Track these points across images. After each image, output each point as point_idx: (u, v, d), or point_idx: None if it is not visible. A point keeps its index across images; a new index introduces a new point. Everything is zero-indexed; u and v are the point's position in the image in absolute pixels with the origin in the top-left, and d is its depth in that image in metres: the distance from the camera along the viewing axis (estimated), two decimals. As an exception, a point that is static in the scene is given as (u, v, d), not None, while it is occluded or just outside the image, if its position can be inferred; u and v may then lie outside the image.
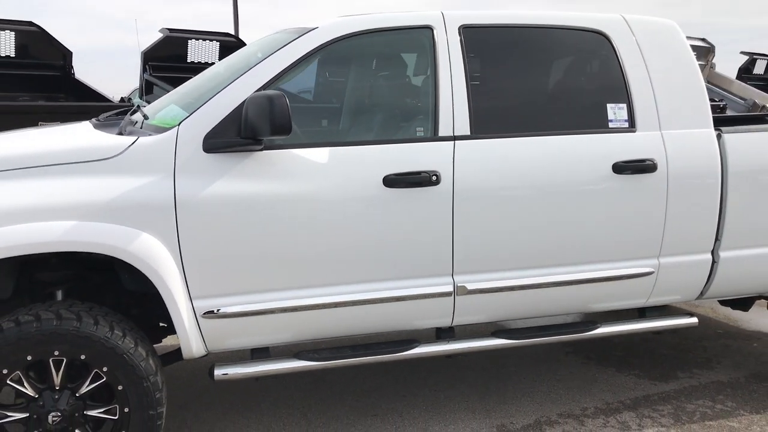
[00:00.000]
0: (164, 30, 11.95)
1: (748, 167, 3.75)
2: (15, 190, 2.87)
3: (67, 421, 2.93)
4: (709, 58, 10.70)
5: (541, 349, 4.84)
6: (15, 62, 10.66)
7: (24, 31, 10.85)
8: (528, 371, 4.44)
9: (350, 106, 3.62)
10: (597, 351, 4.81)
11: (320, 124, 3.59)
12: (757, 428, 3.69)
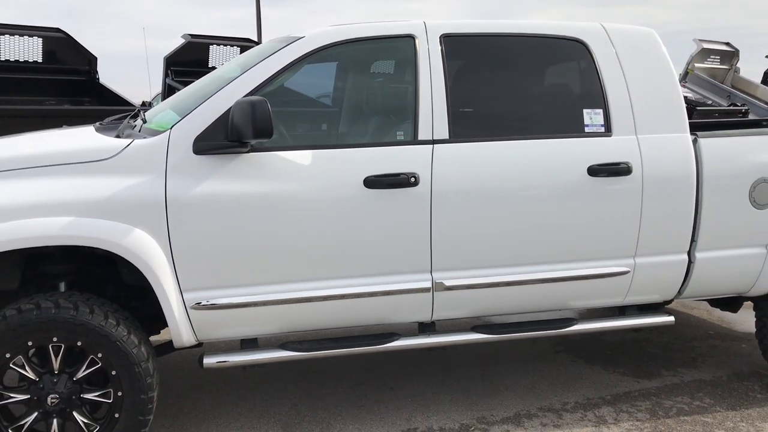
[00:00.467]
0: (186, 36, 12.26)
1: (724, 171, 3.87)
2: (20, 188, 3.10)
3: (65, 402, 3.16)
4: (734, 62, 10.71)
5: (532, 348, 4.98)
6: (42, 67, 11.03)
7: (51, 38, 11.22)
8: (515, 368, 4.59)
9: (334, 110, 3.82)
10: (586, 350, 4.94)
11: (305, 127, 3.78)
12: (731, 424, 3.81)
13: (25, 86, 10.55)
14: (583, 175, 3.63)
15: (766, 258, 3.99)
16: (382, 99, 3.83)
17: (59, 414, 3.17)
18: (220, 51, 11.14)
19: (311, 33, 3.55)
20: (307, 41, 3.50)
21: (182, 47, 11.15)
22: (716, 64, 11.28)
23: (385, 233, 3.43)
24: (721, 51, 10.18)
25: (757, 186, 3.89)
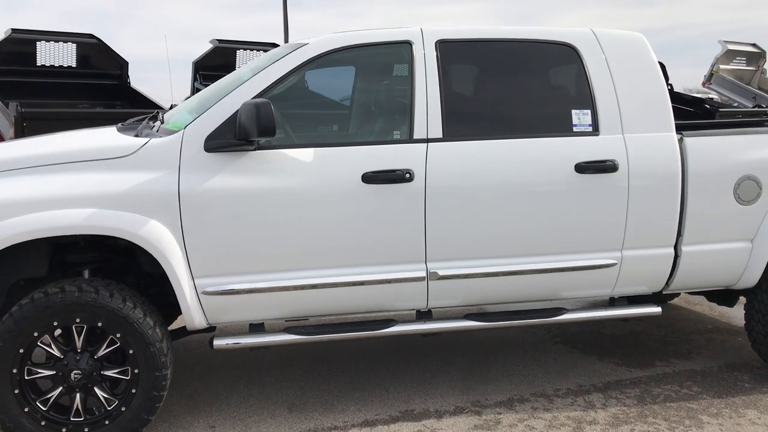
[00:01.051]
0: (214, 41, 12.68)
1: (709, 168, 4.06)
2: (49, 183, 3.42)
3: (87, 378, 3.46)
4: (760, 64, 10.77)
5: (531, 339, 5.20)
6: (76, 72, 11.51)
7: (84, 43, 11.69)
8: (514, 357, 4.81)
9: (336, 111, 4.08)
10: (584, 341, 5.14)
11: (309, 127, 4.04)
12: (714, 410, 3.99)
13: (60, 90, 11.03)
14: (571, 172, 3.85)
15: (751, 252, 4.16)
16: (380, 101, 4.08)
17: (82, 389, 3.48)
18: (246, 55, 11.52)
19: (315, 40, 3.82)
20: (311, 47, 3.77)
21: (210, 52, 11.56)
22: (742, 66, 11.34)
23: (382, 225, 3.68)
24: (748, 52, 10.26)
25: (741, 183, 4.07)
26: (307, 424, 3.83)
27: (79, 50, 11.91)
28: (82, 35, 11.97)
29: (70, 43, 11.80)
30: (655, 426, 3.78)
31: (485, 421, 3.84)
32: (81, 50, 11.92)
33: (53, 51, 11.79)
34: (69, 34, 11.84)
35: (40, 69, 11.56)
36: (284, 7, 19.01)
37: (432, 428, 3.76)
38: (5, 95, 10.53)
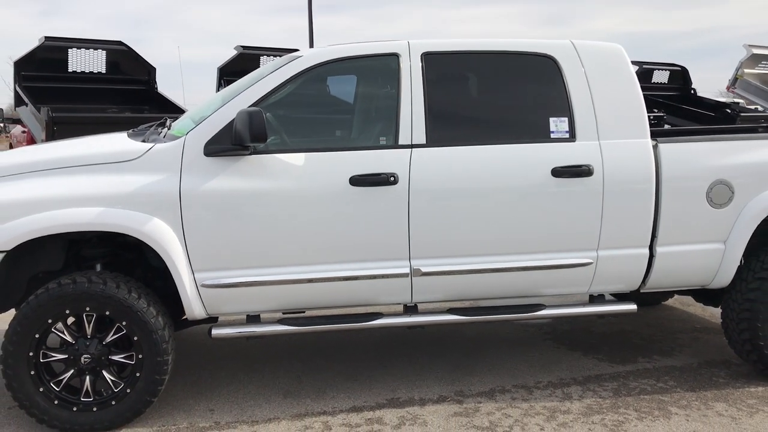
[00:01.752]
0: (238, 47, 13.11)
1: (683, 173, 4.27)
2: (63, 184, 3.77)
3: (96, 362, 3.80)
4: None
5: (521, 335, 5.44)
6: (105, 78, 12.01)
7: (113, 50, 12.19)
8: (501, 352, 5.05)
9: (327, 118, 4.38)
10: (573, 338, 5.36)
11: (301, 132, 4.32)
12: (685, 402, 4.20)
13: (91, 95, 11.53)
14: (547, 176, 4.09)
15: (724, 253, 4.36)
16: (369, 109, 4.36)
17: (91, 372, 3.81)
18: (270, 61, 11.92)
19: (309, 52, 4.12)
20: (305, 59, 4.07)
21: (235, 58, 11.99)
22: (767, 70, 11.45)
23: (368, 225, 3.97)
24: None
25: (713, 187, 4.28)
26: (299, 408, 4.13)
27: (108, 57, 12.43)
28: (111, 42, 12.48)
29: (100, 50, 12.33)
30: (625, 416, 4.00)
31: (465, 409, 4.10)
32: (110, 57, 12.44)
33: (84, 58, 12.31)
34: (99, 41, 12.36)
35: (71, 75, 12.10)
36: (309, 12, 19.40)
37: (414, 414, 4.03)
38: (38, 100, 11.05)
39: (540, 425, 3.89)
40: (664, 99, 18.55)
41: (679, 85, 19.73)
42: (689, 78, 19.70)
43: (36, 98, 11.05)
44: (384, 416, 4.02)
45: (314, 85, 4.18)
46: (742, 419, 3.95)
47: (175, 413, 4.07)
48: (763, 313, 4.37)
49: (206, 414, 4.07)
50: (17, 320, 3.71)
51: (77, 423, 3.79)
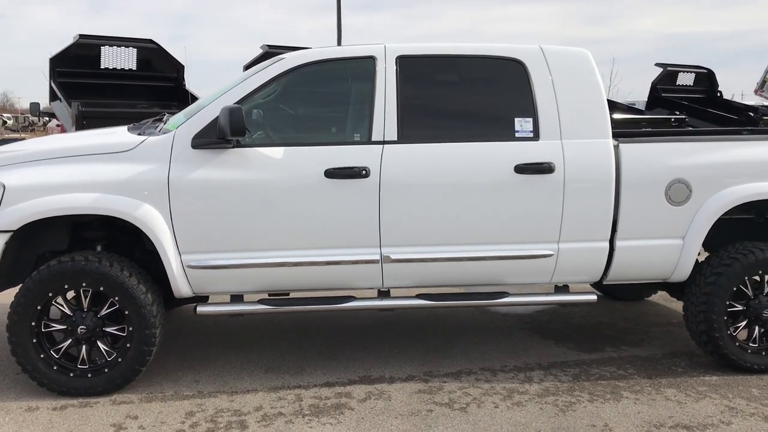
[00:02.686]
0: (264, 46, 13.55)
1: (642, 172, 4.52)
2: (65, 172, 4.18)
3: (91, 333, 4.20)
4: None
5: (501, 324, 5.73)
6: (136, 74, 12.56)
7: (144, 48, 12.74)
8: (477, 339, 5.35)
9: (305, 115, 4.72)
10: (548, 329, 5.64)
11: (282, 128, 4.66)
12: (638, 387, 4.45)
13: (121, 91, 12.08)
14: (511, 172, 4.38)
15: (682, 248, 4.60)
16: (344, 107, 4.69)
17: (87, 341, 4.22)
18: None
19: (291, 54, 4.48)
20: (287, 61, 4.43)
21: (260, 57, 12.44)
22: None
23: (342, 214, 4.30)
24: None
25: (672, 186, 4.52)
26: (277, 382, 4.49)
27: (139, 54, 12.98)
28: (142, 41, 13.04)
29: (131, 48, 12.88)
30: (578, 398, 4.28)
31: (429, 387, 4.42)
32: (141, 54, 13.00)
33: (116, 55, 12.88)
34: (130, 39, 12.92)
35: (103, 71, 12.67)
36: (338, 11, 19.79)
37: (381, 390, 4.36)
38: (71, 95, 11.63)
39: (495, 403, 4.19)
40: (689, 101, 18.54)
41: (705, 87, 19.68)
42: (715, 80, 19.62)
43: (69, 93, 11.63)
44: (353, 391, 4.35)
45: (295, 84, 4.52)
46: (687, 403, 4.20)
47: (163, 383, 4.46)
48: (718, 306, 4.60)
49: (191, 384, 4.45)
50: (21, 293, 4.13)
51: (73, 387, 4.20)
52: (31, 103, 15.19)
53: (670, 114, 17.02)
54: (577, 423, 3.93)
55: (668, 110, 17.60)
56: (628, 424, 3.92)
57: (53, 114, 15.17)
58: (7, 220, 4.07)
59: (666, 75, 19.14)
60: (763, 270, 4.64)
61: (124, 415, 3.98)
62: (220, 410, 4.06)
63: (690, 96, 19.00)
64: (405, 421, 3.94)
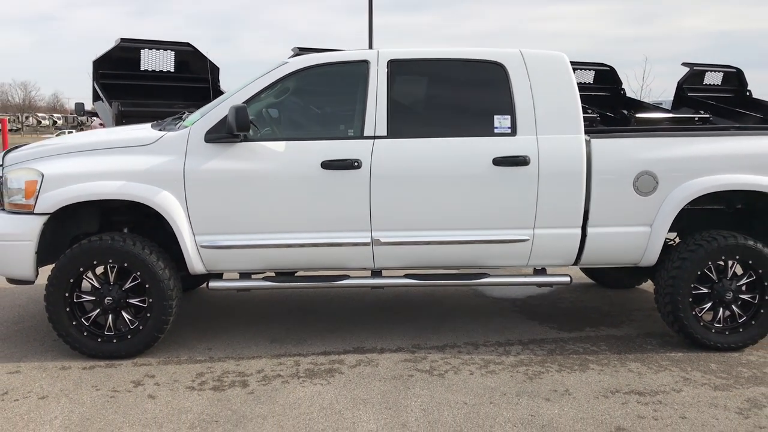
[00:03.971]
0: (295, 49, 14.16)
1: (612, 165, 4.95)
2: (92, 162, 4.78)
3: (116, 304, 4.81)
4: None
5: (493, 306, 6.21)
6: (173, 76, 13.30)
7: (181, 51, 13.47)
8: (468, 318, 5.83)
9: (305, 113, 5.26)
10: (537, 310, 6.09)
11: (284, 125, 5.22)
12: (605, 361, 4.89)
13: (159, 92, 12.85)
14: (489, 164, 4.86)
15: (650, 235, 5.02)
16: (340, 106, 5.22)
17: (113, 311, 4.83)
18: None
19: (294, 59, 5.03)
20: (290, 65, 4.98)
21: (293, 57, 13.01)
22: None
23: (336, 201, 4.83)
24: None
25: (639, 177, 4.94)
26: (279, 351, 5.04)
27: (176, 57, 13.75)
28: (179, 44, 13.79)
29: (169, 50, 13.65)
30: (548, 368, 4.74)
31: (414, 357, 4.92)
32: (178, 57, 13.75)
33: (155, 58, 13.66)
34: (168, 42, 13.67)
35: (143, 73, 13.46)
36: (369, 13, 20.32)
37: (371, 359, 4.88)
38: (112, 96, 12.41)
39: (471, 371, 4.67)
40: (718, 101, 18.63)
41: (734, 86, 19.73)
42: (744, 80, 19.68)
43: (110, 94, 12.40)
44: (345, 359, 4.88)
45: (297, 86, 5.06)
46: (647, 375, 4.63)
47: (179, 350, 5.05)
48: (683, 289, 5.01)
49: (204, 351, 5.03)
50: (57, 267, 4.76)
51: (101, 350, 4.81)
52: (76, 103, 16.06)
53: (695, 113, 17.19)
54: (541, 388, 4.39)
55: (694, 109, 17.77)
56: (586, 390, 4.37)
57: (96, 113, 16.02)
58: (45, 204, 4.69)
59: (692, 74, 19.26)
60: (726, 256, 5.02)
61: (142, 375, 4.57)
62: (227, 372, 4.63)
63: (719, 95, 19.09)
64: (387, 383, 4.45)
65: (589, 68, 18.74)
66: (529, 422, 3.90)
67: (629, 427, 3.85)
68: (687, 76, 19.16)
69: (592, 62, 19.56)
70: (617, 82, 18.82)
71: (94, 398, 4.19)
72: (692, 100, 18.78)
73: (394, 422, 3.89)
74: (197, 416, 3.95)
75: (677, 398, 4.25)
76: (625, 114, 15.68)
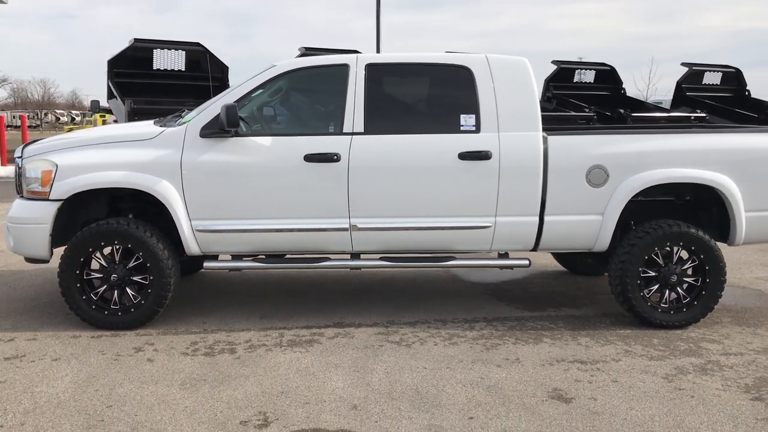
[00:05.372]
0: (302, 48, 14.79)
1: (566, 159, 5.48)
2: (103, 154, 5.38)
3: (121, 281, 5.41)
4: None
5: (468, 290, 6.76)
6: (184, 75, 13.96)
7: (192, 51, 14.14)
8: (444, 300, 6.38)
9: (291, 111, 5.84)
10: (507, 294, 6.64)
11: (272, 122, 5.79)
12: (558, 335, 5.42)
13: (171, 90, 13.52)
14: (455, 158, 5.40)
15: (601, 223, 5.55)
16: (322, 104, 5.79)
17: (118, 287, 5.43)
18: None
19: (282, 62, 5.60)
20: (277, 68, 5.55)
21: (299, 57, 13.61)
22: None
23: (318, 190, 5.40)
24: None
25: (591, 171, 5.47)
26: (267, 325, 5.63)
27: (187, 57, 14.43)
28: (190, 44, 14.46)
29: (180, 50, 14.32)
30: (505, 341, 5.28)
31: (387, 331, 5.49)
32: (189, 57, 14.43)
33: (167, 57, 14.34)
34: (180, 43, 14.34)
35: (155, 72, 14.14)
36: (377, 13, 20.86)
37: (347, 332, 5.45)
38: (126, 94, 13.08)
39: (436, 342, 5.23)
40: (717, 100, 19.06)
41: (733, 86, 20.14)
42: (743, 80, 20.09)
43: (124, 92, 13.06)
44: (326, 332, 5.46)
45: (284, 86, 5.64)
46: (593, 347, 5.15)
47: (177, 324, 5.65)
48: (632, 272, 5.53)
49: (199, 324, 5.63)
50: (69, 248, 5.37)
51: (107, 322, 5.42)
52: (92, 100, 16.75)
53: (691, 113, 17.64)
54: (495, 357, 4.94)
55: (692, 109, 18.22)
56: (535, 359, 4.91)
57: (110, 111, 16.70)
58: (59, 191, 5.30)
59: (691, 74, 19.70)
60: (671, 242, 5.55)
61: (143, 343, 5.17)
62: (218, 341, 5.22)
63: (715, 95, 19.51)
64: (359, 351, 5.02)
65: (590, 68, 19.22)
66: (477, 383, 4.45)
67: (565, 388, 4.39)
68: (686, 76, 19.59)
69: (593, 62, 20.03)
70: (618, 82, 19.27)
71: (100, 361, 4.79)
72: (690, 100, 19.21)
73: (360, 381, 4.46)
74: (188, 375, 4.54)
75: (614, 366, 4.78)
76: (621, 113, 16.17)
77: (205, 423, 3.87)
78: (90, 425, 3.83)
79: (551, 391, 4.35)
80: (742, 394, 4.31)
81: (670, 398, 4.25)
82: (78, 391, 4.27)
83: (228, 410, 4.03)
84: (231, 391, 4.30)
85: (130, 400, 4.16)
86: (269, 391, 4.29)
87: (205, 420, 3.91)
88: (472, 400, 4.20)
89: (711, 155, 5.51)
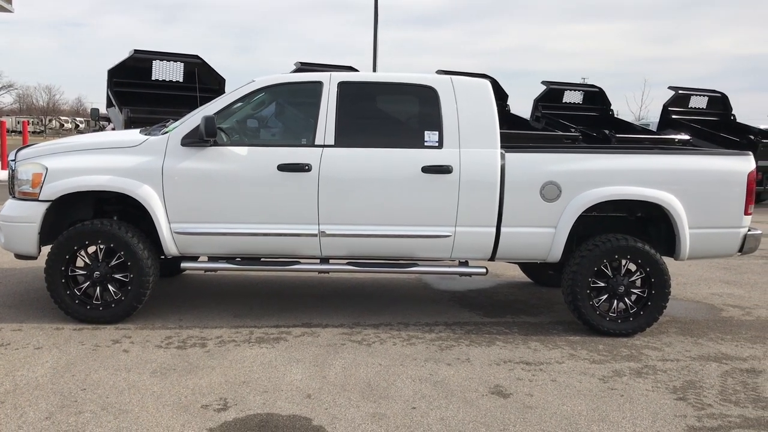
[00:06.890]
0: (298, 63, 15.26)
1: (522, 175, 5.88)
2: (89, 159, 5.79)
3: (103, 278, 5.79)
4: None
5: (434, 297, 7.13)
6: (182, 86, 14.41)
7: (190, 62, 14.60)
8: (409, 305, 6.75)
9: (266, 124, 6.25)
10: (472, 301, 7.01)
11: (249, 133, 6.20)
12: (510, 338, 5.79)
13: (169, 100, 13.97)
14: (418, 172, 5.80)
15: (554, 235, 5.93)
16: (296, 118, 6.20)
17: (101, 284, 5.81)
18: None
19: (260, 78, 6.01)
20: (256, 83, 5.97)
21: (294, 71, 14.12)
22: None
23: (290, 198, 5.79)
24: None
25: (545, 186, 5.86)
26: (238, 323, 6.00)
27: (185, 68, 14.89)
28: (188, 56, 14.93)
29: (179, 62, 14.79)
30: (460, 343, 5.65)
31: (351, 331, 5.86)
32: (187, 68, 14.89)
33: (165, 69, 14.81)
34: (178, 55, 14.81)
35: (154, 83, 14.60)
36: (374, 30, 21.35)
37: (314, 332, 5.83)
38: (125, 103, 13.52)
39: (395, 343, 5.60)
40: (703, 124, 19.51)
41: (719, 110, 20.60)
42: (729, 104, 20.53)
43: (123, 101, 13.50)
44: (293, 331, 5.83)
45: (261, 101, 6.06)
46: (541, 351, 5.52)
47: (155, 320, 6.03)
48: (581, 282, 5.91)
49: (176, 321, 6.01)
50: (56, 245, 5.76)
51: (89, 316, 5.80)
52: (92, 108, 17.22)
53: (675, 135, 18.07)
54: (447, 356, 5.31)
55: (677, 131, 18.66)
56: (484, 359, 5.28)
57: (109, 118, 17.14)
58: (48, 193, 5.70)
59: (678, 98, 20.16)
60: (619, 255, 5.93)
61: (121, 336, 5.55)
62: (191, 336, 5.59)
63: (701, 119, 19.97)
64: (321, 349, 5.39)
65: (578, 89, 19.69)
66: (426, 379, 4.82)
67: (506, 385, 4.76)
68: (672, 100, 20.04)
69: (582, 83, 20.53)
70: (606, 103, 19.73)
71: (79, 350, 5.16)
72: (676, 123, 19.65)
73: (317, 375, 4.83)
74: (159, 365, 4.92)
75: (557, 368, 5.14)
76: (606, 133, 16.59)
77: (170, 406, 4.24)
78: (64, 405, 4.20)
79: (493, 387, 4.72)
80: (669, 394, 4.68)
81: (600, 396, 4.61)
82: (56, 375, 4.65)
83: (192, 396, 4.40)
84: (197, 379, 4.67)
85: (103, 384, 4.53)
86: (232, 381, 4.66)
87: (169, 403, 4.28)
88: (417, 393, 4.57)
89: (657, 175, 5.90)
